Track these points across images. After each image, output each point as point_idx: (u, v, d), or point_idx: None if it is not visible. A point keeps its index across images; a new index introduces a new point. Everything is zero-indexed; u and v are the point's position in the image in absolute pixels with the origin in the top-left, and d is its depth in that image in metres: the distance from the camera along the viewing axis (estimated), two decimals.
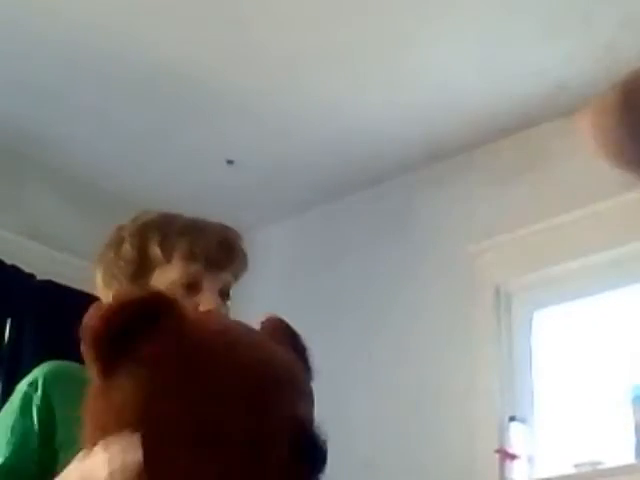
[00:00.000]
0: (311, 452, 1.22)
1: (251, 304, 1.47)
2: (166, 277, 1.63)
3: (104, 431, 1.26)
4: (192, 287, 1.63)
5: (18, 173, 3.73)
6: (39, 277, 3.62)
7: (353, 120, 3.49)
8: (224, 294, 1.68)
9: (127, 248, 1.65)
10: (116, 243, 1.68)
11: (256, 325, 1.39)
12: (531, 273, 3.39)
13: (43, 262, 3.63)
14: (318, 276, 3.96)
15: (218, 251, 1.67)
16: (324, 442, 1.23)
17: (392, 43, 3.11)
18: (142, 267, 1.64)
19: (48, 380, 1.55)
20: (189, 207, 1.82)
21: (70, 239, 3.63)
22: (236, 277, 1.72)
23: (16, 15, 3.02)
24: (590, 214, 3.21)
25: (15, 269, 3.55)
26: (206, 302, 1.62)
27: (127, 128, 3.60)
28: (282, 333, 1.37)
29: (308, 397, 1.31)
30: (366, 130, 3.54)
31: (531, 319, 3.41)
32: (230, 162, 3.77)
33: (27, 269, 3.59)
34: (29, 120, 3.54)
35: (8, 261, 3.54)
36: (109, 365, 1.26)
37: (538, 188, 3.40)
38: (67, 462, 1.47)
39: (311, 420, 1.26)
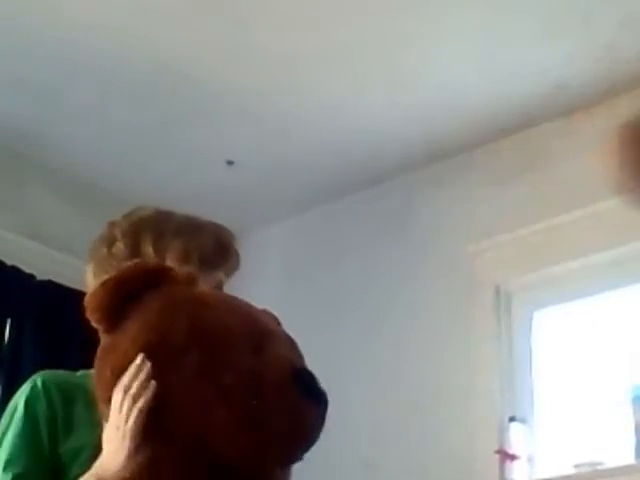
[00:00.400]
0: (313, 387, 1.29)
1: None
2: None
3: (116, 379, 1.33)
4: None
5: (18, 173, 3.73)
6: (39, 277, 3.62)
7: (353, 120, 3.49)
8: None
9: (120, 247, 1.65)
10: (109, 240, 1.67)
11: None
12: (531, 273, 3.38)
13: (43, 262, 3.63)
14: (318, 276, 3.96)
15: (213, 251, 1.68)
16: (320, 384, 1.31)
17: (392, 43, 3.11)
18: None
19: (47, 386, 1.55)
20: (189, 207, 1.83)
21: (70, 239, 3.62)
22: (228, 276, 1.72)
23: (15, 13, 3.02)
24: (590, 214, 3.21)
25: (15, 269, 3.55)
26: None
27: (127, 128, 3.60)
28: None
29: (299, 350, 1.39)
30: (366, 130, 3.54)
31: (531, 319, 3.41)
32: (230, 162, 3.77)
33: (27, 269, 3.59)
34: (29, 120, 3.54)
35: (8, 261, 3.54)
36: (115, 319, 1.34)
37: (538, 188, 3.40)
38: (72, 460, 1.48)
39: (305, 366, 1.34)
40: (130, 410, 1.29)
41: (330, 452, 1.37)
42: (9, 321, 3.54)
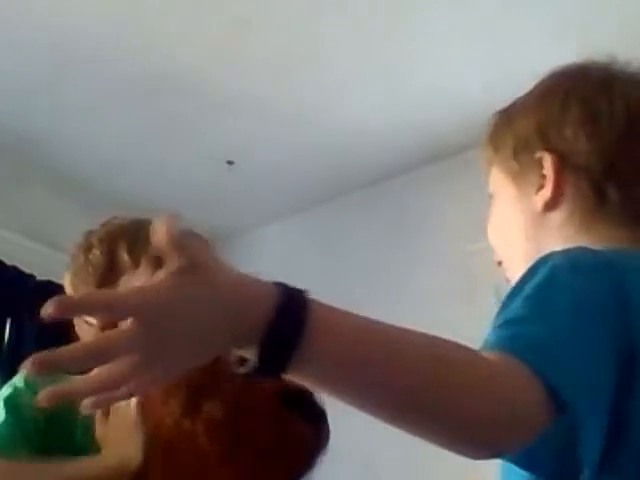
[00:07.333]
0: (302, 402, 1.30)
1: None
2: (134, 283, 1.66)
3: None
4: None
5: (18, 173, 3.74)
6: (39, 277, 3.62)
7: (353, 120, 3.49)
8: None
9: (96, 254, 1.69)
10: (85, 248, 1.72)
11: None
12: None
13: (43, 262, 3.63)
14: (317, 276, 3.96)
15: None
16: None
17: (392, 43, 3.11)
18: (110, 273, 1.68)
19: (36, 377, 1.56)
20: (189, 207, 1.83)
21: (70, 239, 3.62)
22: None
23: (14, 12, 3.02)
24: None
25: (15, 269, 3.55)
26: None
27: (127, 128, 3.60)
28: None
29: None
30: (366, 130, 3.54)
31: None
32: (230, 162, 3.77)
33: (27, 269, 3.59)
34: (30, 121, 3.54)
35: (8, 261, 3.54)
36: None
37: None
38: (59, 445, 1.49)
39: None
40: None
41: (330, 452, 1.36)
42: (9, 321, 3.55)
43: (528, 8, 2.92)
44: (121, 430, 1.36)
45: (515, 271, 1.21)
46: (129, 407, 1.36)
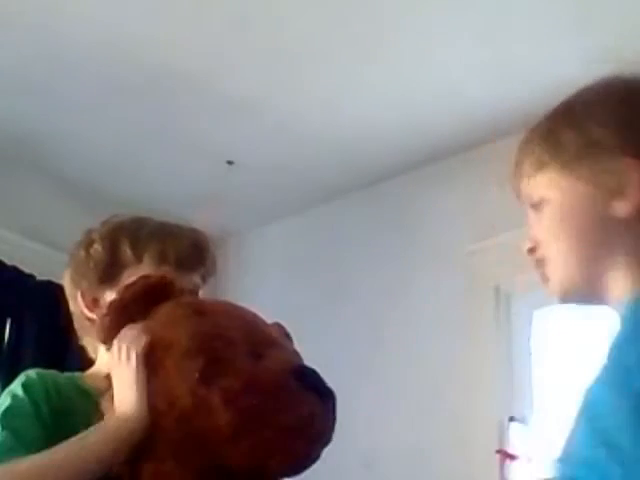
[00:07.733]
0: (314, 381, 1.32)
1: (251, 304, 1.47)
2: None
3: None
4: None
5: (18, 173, 3.73)
6: (39, 277, 3.62)
7: (353, 120, 3.49)
8: (193, 296, 1.71)
9: (97, 249, 1.68)
10: (86, 244, 1.71)
11: None
12: (531, 273, 3.37)
13: (43, 262, 3.63)
14: (318, 276, 3.96)
15: (189, 253, 1.70)
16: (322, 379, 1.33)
17: (392, 43, 3.11)
18: (112, 268, 1.66)
19: (41, 374, 1.55)
20: (189, 207, 1.83)
21: (70, 239, 3.62)
22: (204, 280, 1.74)
23: (15, 12, 3.02)
24: None
25: (15, 269, 3.55)
26: None
27: (127, 128, 3.60)
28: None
29: (301, 358, 1.41)
30: (366, 130, 3.54)
31: (531, 319, 3.41)
32: (230, 162, 3.77)
33: (27, 269, 3.59)
34: (29, 120, 3.53)
35: (8, 261, 3.54)
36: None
37: None
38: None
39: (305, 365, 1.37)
40: (128, 354, 1.37)
41: (329, 452, 1.36)
42: (9, 321, 3.55)
43: (529, 9, 2.92)
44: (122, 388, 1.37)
45: (559, 268, 1.19)
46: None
